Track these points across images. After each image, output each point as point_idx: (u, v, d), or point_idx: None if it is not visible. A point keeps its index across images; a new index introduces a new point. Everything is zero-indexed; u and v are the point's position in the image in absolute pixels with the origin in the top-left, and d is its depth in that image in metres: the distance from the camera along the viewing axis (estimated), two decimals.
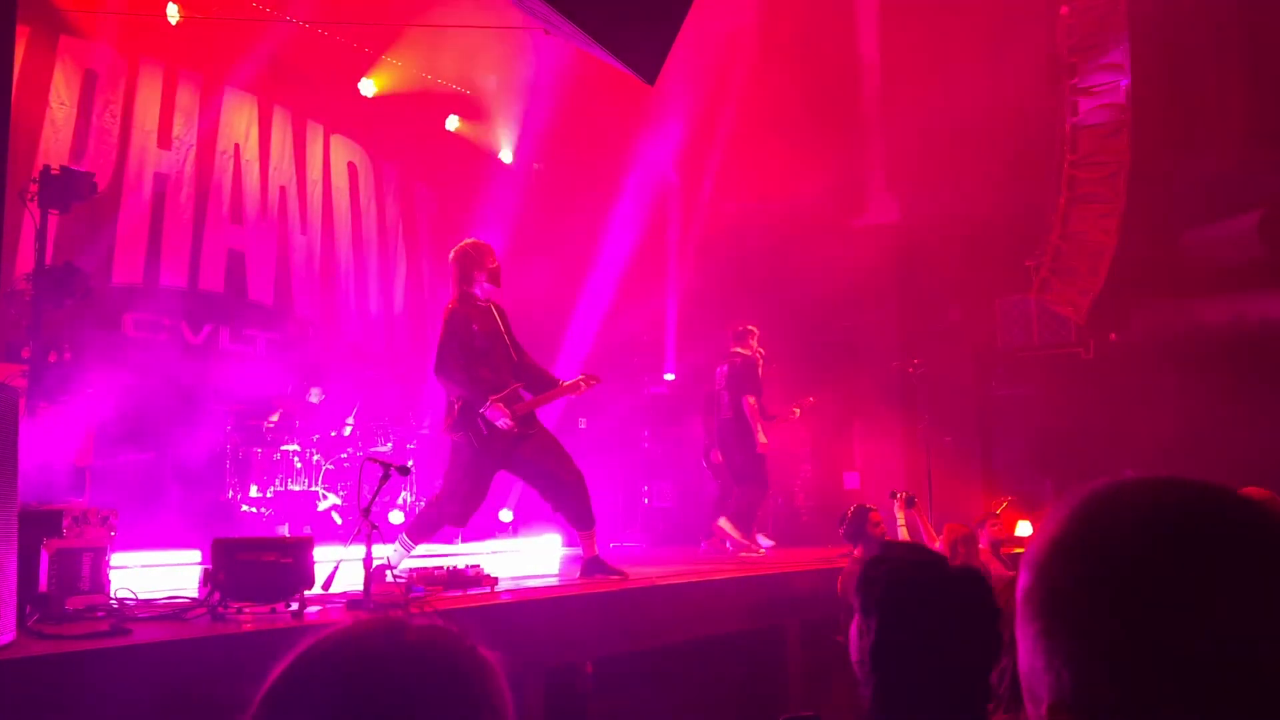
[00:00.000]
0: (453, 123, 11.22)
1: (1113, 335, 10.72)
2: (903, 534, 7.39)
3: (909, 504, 7.58)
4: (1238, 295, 9.65)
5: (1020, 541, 9.07)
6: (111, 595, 4.29)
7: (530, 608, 4.97)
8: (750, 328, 8.99)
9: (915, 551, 2.28)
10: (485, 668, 1.11)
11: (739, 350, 8.92)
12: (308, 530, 7.76)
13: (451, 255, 5.92)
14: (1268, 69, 9.28)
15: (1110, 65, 9.78)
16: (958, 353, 11.03)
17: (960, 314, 11.40)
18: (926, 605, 2.05)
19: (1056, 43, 10.16)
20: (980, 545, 6.93)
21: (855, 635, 2.14)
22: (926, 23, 10.54)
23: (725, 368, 8.94)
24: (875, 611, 2.07)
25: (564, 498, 5.85)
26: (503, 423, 5.53)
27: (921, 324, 11.27)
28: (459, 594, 4.98)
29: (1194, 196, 9.87)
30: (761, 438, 8.63)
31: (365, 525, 4.57)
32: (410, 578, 4.99)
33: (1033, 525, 8.66)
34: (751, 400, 8.73)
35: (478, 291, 5.81)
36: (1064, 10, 10.05)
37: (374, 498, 4.68)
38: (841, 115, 11.36)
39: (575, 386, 5.91)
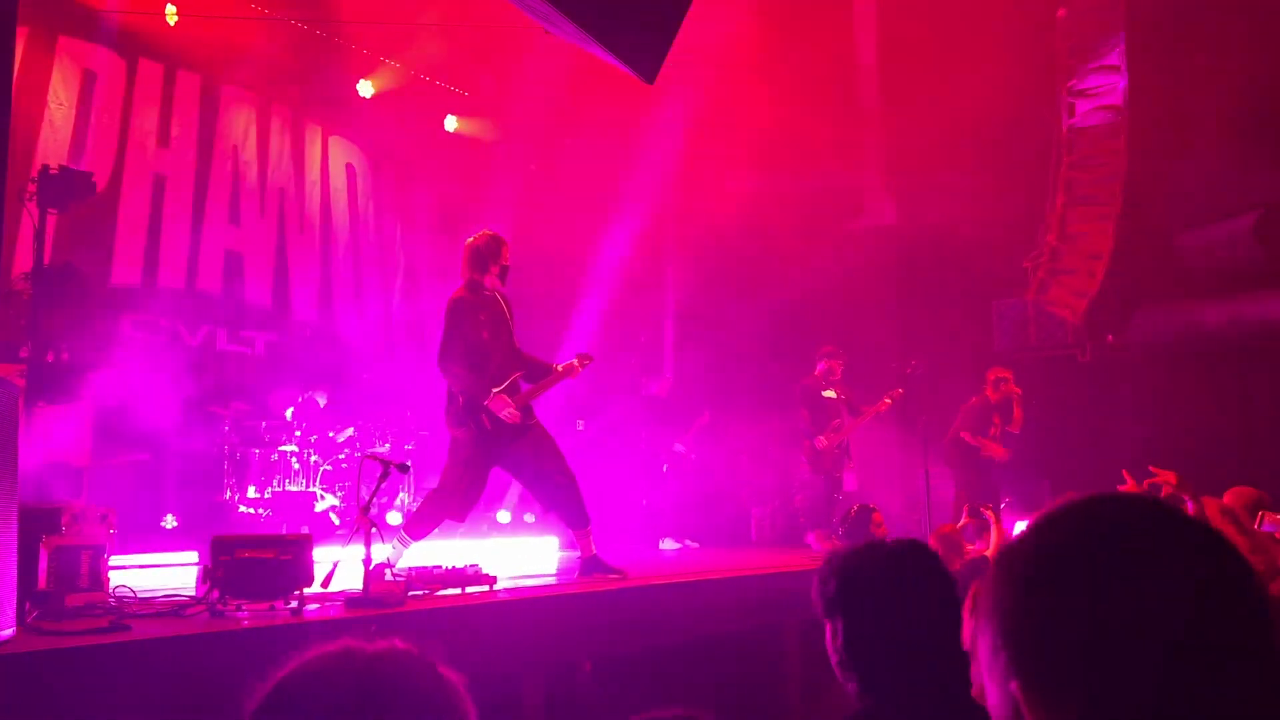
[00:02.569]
0: (451, 123, 11.23)
1: (1110, 337, 10.74)
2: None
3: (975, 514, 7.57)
4: (1234, 297, 9.67)
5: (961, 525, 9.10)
6: (110, 592, 4.29)
7: (529, 606, 4.97)
8: (827, 350, 9.21)
9: (855, 545, 2.29)
10: (445, 687, 1.11)
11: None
12: (305, 530, 7.75)
13: (468, 242, 5.95)
14: (1265, 71, 9.31)
15: (1107, 67, 9.82)
16: (955, 354, 11.04)
17: (958, 315, 11.42)
18: (881, 589, 2.07)
19: (1054, 45, 10.19)
20: (980, 547, 6.94)
21: (829, 641, 2.15)
22: (924, 25, 10.57)
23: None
24: (838, 611, 2.09)
25: (558, 497, 5.86)
26: (507, 414, 5.54)
27: (919, 325, 11.28)
28: (458, 592, 4.98)
29: (1191, 198, 9.90)
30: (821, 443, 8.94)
31: (365, 523, 4.57)
32: (409, 576, 4.98)
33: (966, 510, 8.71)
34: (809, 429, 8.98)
35: (487, 282, 5.83)
36: (1061, 13, 10.09)
37: (373, 495, 4.68)
38: (839, 117, 11.37)
39: (570, 369, 5.91)
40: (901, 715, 1.93)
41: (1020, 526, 8.83)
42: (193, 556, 6.86)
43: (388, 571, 5.05)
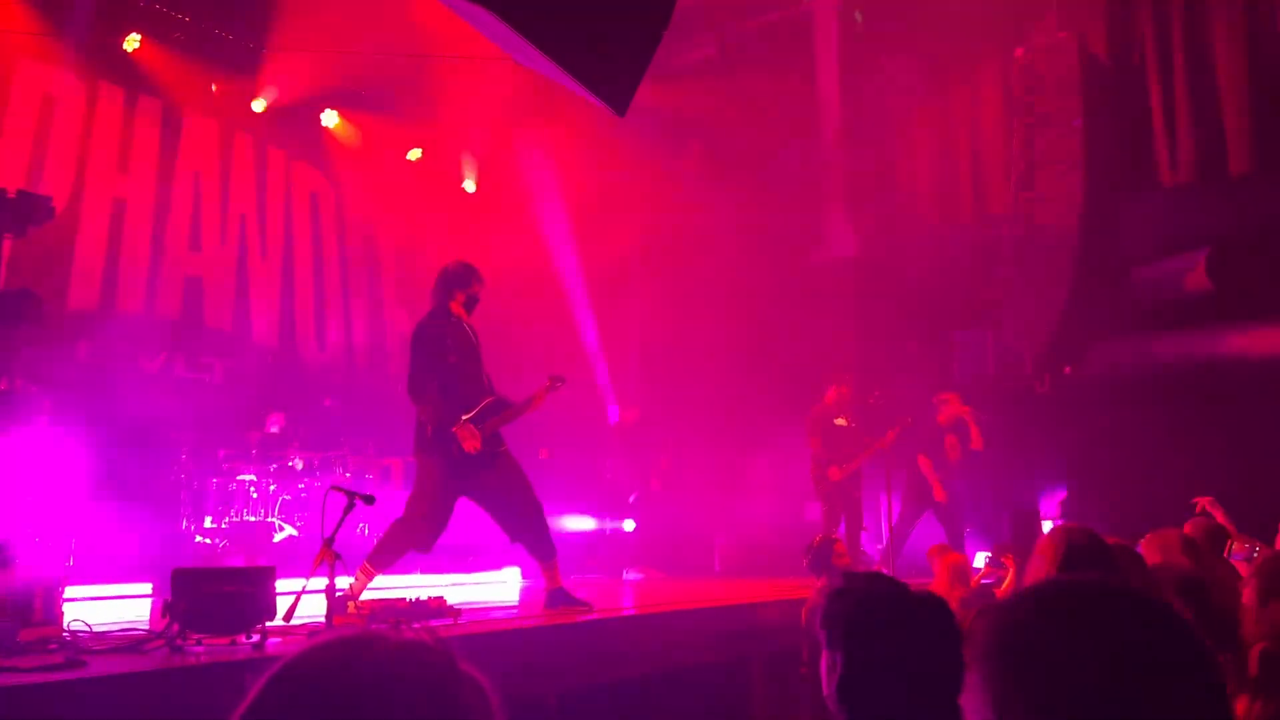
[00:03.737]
0: (414, 153, 11.21)
1: (1067, 369, 10.89)
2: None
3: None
4: (1187, 331, 9.84)
5: (980, 573, 9.17)
6: (65, 627, 4.18)
7: (495, 640, 4.92)
8: (839, 376, 9.30)
9: (876, 581, 2.28)
10: (469, 685, 1.09)
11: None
12: (264, 562, 7.62)
13: (441, 268, 5.96)
14: (1211, 108, 9.55)
15: (1063, 106, 10.02)
16: (915, 385, 11.14)
17: (917, 347, 11.52)
18: (890, 634, 2.05)
19: (1012, 82, 10.39)
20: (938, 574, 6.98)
21: (825, 669, 2.14)
22: (885, 61, 10.74)
23: None
24: (841, 644, 2.08)
25: (524, 528, 5.81)
26: (472, 443, 5.49)
27: (879, 357, 11.37)
28: (422, 626, 4.91)
29: (1145, 233, 10.10)
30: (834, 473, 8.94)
31: (328, 555, 4.50)
32: (372, 609, 4.91)
33: (987, 558, 8.76)
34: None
35: (453, 309, 5.80)
36: (1019, 52, 10.29)
37: (338, 528, 4.61)
38: (801, 148, 11.49)
39: (542, 393, 5.88)
40: None
41: (981, 558, 8.94)
42: (147, 588, 6.73)
43: (351, 604, 4.98)
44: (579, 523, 9.73)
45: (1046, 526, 9.37)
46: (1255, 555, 3.90)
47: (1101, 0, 10.14)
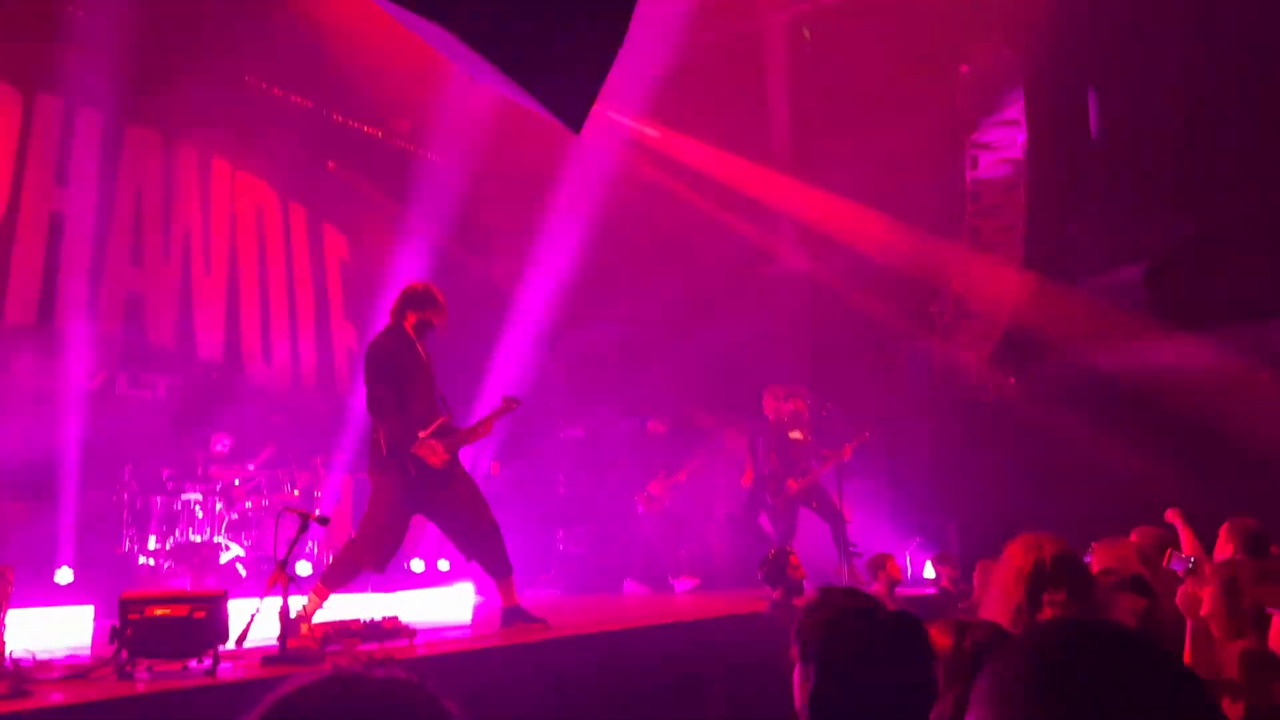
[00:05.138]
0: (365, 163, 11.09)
1: (1011, 380, 11.09)
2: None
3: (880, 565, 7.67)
4: (1126, 342, 10.07)
5: (926, 583, 9.28)
6: (7, 655, 4.05)
7: (451, 661, 4.86)
8: (793, 390, 9.28)
9: (851, 597, 2.29)
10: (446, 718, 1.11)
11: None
12: (212, 584, 7.46)
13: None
14: (1149, 125, 9.80)
15: (1007, 121, 10.22)
16: (864, 397, 11.26)
17: (867, 359, 11.65)
18: (864, 650, 2.07)
19: (957, 99, 10.58)
20: (876, 587, 7.09)
21: (797, 682, 2.15)
22: (834, 77, 10.86)
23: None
24: (814, 659, 2.09)
25: (481, 545, 5.76)
26: (435, 459, 5.43)
27: (831, 370, 11.48)
28: (376, 646, 4.84)
29: (1086, 247, 10.33)
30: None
31: (281, 578, 4.42)
32: (326, 631, 4.83)
33: (935, 569, 8.90)
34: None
35: (407, 327, 5.75)
36: (964, 69, 10.48)
37: (291, 549, 4.53)
38: (752, 163, 11.58)
39: (496, 415, 5.86)
40: None
41: (929, 568, 9.04)
42: (88, 611, 6.55)
43: (304, 625, 4.89)
44: (526, 538, 9.68)
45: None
46: (1192, 566, 3.99)
47: (1043, 18, 10.37)
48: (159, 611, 3.92)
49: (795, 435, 9.16)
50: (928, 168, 10.41)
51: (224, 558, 8.07)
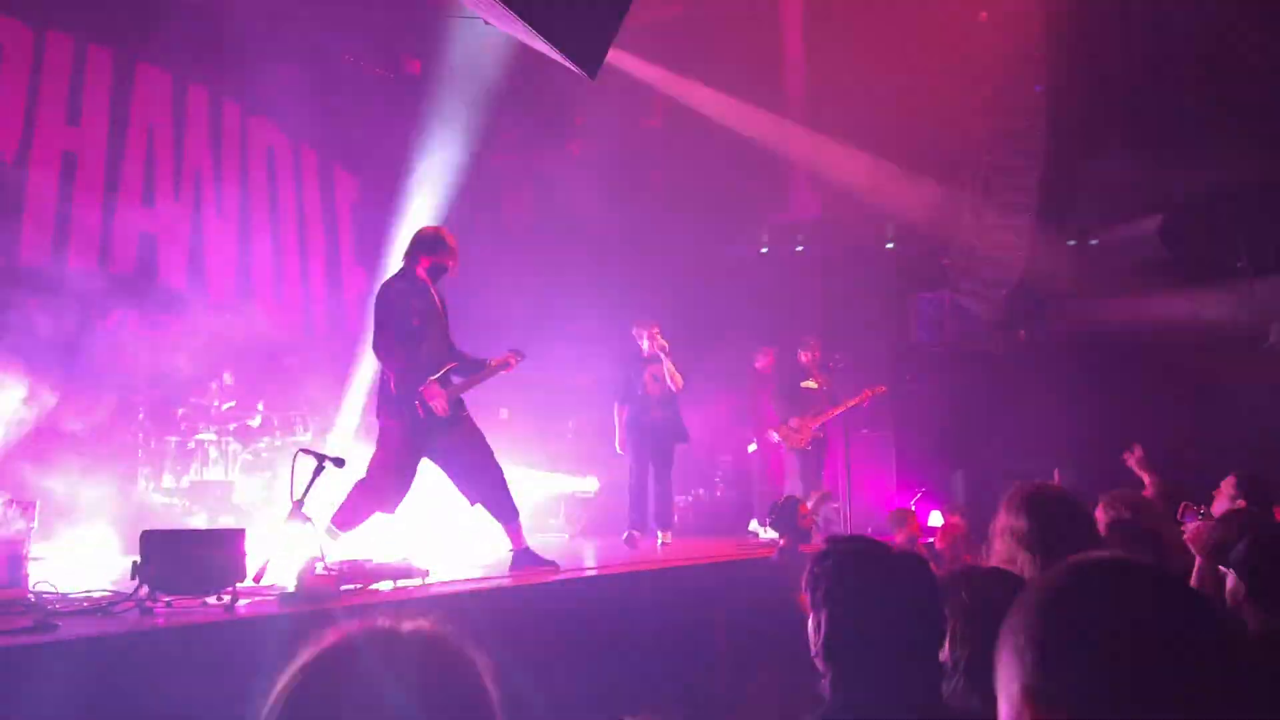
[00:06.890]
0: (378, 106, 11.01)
1: (1022, 333, 11.08)
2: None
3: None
4: (1140, 296, 10.04)
5: (932, 531, 9.36)
6: (31, 590, 4.14)
7: (463, 600, 4.94)
8: (807, 340, 9.44)
9: (858, 542, 2.33)
10: (471, 668, 1.19)
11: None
12: (229, 520, 7.58)
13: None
14: (1172, 71, 9.66)
15: (1025, 70, 10.09)
16: (875, 347, 11.28)
17: (878, 309, 11.66)
18: (873, 593, 2.11)
19: (975, 45, 10.43)
20: (899, 539, 7.17)
21: (810, 629, 2.19)
22: (850, 26, 10.71)
23: None
24: (825, 604, 2.13)
25: (487, 491, 5.82)
26: (438, 405, 5.48)
27: (841, 319, 11.49)
28: (391, 586, 4.93)
29: (1101, 199, 10.26)
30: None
31: (298, 517, 4.49)
32: (341, 570, 4.91)
33: (943, 516, 8.97)
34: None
35: (420, 272, 5.77)
36: (983, 16, 10.33)
37: (307, 490, 4.60)
38: (766, 110, 11.48)
39: (505, 363, 5.90)
40: (872, 713, 1.98)
41: (935, 516, 9.11)
42: (109, 548, 6.68)
43: (319, 565, 4.97)
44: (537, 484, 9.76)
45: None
46: (1202, 516, 4.03)
47: None
48: (178, 548, 3.99)
49: (809, 384, 9.23)
50: (942, 117, 10.30)
51: (238, 496, 8.18)
